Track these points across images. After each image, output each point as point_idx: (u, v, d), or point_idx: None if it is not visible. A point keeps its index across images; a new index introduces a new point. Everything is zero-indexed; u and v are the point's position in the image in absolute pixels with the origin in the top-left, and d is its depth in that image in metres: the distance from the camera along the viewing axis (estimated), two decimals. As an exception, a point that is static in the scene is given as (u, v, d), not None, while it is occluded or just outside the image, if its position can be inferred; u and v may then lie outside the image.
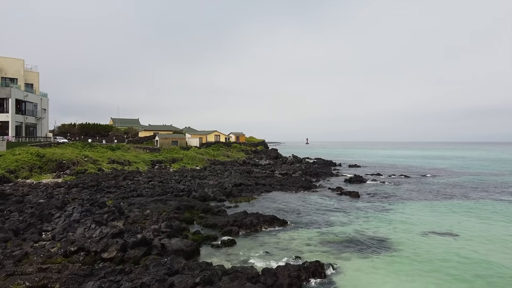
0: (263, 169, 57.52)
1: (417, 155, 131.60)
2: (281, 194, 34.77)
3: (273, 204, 28.71)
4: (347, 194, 35.42)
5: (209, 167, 53.87)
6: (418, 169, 68.60)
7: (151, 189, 32.53)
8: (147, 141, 68.31)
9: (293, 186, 39.23)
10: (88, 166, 40.14)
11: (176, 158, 57.66)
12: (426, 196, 34.03)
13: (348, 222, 22.45)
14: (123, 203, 26.53)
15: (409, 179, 50.56)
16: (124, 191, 30.80)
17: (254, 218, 21.27)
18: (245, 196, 32.66)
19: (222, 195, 31.88)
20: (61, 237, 16.49)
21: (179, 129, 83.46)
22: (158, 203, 26.46)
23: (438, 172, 61.63)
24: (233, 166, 58.28)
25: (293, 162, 68.91)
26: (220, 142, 74.85)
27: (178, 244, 15.01)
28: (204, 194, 31.26)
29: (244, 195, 32.99)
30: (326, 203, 29.71)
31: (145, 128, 75.89)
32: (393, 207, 27.71)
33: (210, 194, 31.57)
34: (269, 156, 71.02)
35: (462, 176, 53.83)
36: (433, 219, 23.42)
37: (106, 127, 73.27)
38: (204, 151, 63.54)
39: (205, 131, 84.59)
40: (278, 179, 44.92)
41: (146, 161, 51.99)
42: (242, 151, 72.62)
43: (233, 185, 37.85)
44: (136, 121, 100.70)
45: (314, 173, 56.08)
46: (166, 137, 64.93)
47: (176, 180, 39.86)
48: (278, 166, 63.61)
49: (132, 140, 65.89)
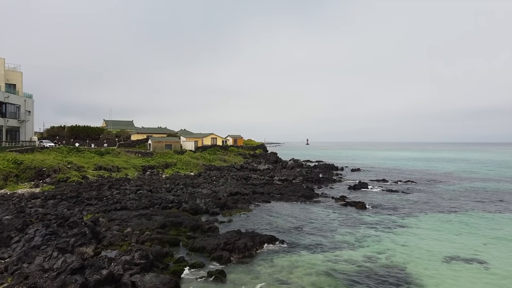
0: (261, 174, 54.94)
1: (419, 157, 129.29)
2: (280, 205, 32.18)
3: (271, 218, 26.10)
4: (352, 204, 32.84)
5: (204, 173, 51.25)
6: (424, 173, 66.06)
7: (137, 200, 29.91)
8: (140, 145, 65.68)
9: (293, 196, 36.64)
10: (71, 174, 37.49)
11: (170, 163, 55.02)
12: (439, 207, 31.44)
13: (357, 243, 19.82)
14: (103, 218, 23.94)
15: (416, 186, 48.03)
16: (106, 204, 28.18)
17: (248, 240, 18.66)
18: (241, 208, 30.05)
19: (215, 207, 29.28)
20: (15, 268, 13.89)
21: (174, 131, 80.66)
22: (142, 219, 23.85)
23: (446, 177, 59.09)
24: (230, 171, 55.67)
25: (294, 166, 66.35)
26: (217, 146, 72.18)
27: (152, 282, 12.39)
28: (195, 206, 28.66)
29: (239, 207, 30.38)
30: (330, 217, 27.10)
31: (138, 131, 73.05)
32: (405, 222, 25.11)
33: (202, 206, 28.96)
34: (268, 161, 68.41)
35: (472, 183, 51.28)
36: (453, 239, 20.82)
37: (96, 130, 70.55)
38: (200, 155, 60.91)
39: (202, 133, 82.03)
40: (277, 186, 42.33)
41: (137, 167, 49.35)
42: (240, 155, 69.97)
43: (228, 195, 35.27)
44: (130, 123, 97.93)
45: (316, 179, 53.55)
46: (160, 140, 62.27)
47: (166, 189, 37.26)
48: (278, 171, 61.03)
49: (123, 144, 63.23)
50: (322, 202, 33.77)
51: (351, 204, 33.19)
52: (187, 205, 29.15)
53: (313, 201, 34.04)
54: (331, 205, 32.27)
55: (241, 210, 29.19)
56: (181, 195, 33.58)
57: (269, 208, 30.75)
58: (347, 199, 35.60)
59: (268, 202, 34.03)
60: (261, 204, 32.90)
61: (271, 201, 34.25)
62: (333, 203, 33.52)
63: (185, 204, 29.65)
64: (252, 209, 29.89)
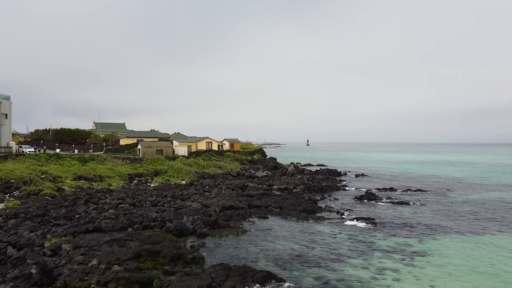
0: (259, 182, 51.41)
1: (423, 161, 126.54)
2: (279, 223, 28.69)
3: (268, 243, 22.60)
4: (361, 220, 29.43)
5: (196, 182, 47.74)
6: (433, 180, 62.66)
7: (114, 219, 26.36)
8: (129, 150, 62.08)
9: (293, 210, 33.13)
10: (44, 186, 33.93)
11: (160, 171, 51.50)
12: (461, 225, 27.96)
13: (373, 281, 16.32)
14: (67, 244, 20.44)
15: (428, 196, 44.63)
16: (77, 223, 24.66)
17: (238, 281, 15.18)
18: (234, 227, 26.55)
19: (204, 227, 25.79)
20: None
21: (166, 135, 76.78)
22: (114, 245, 20.32)
23: (458, 185, 55.69)
24: (225, 179, 52.17)
25: (294, 173, 62.84)
26: (212, 151, 68.55)
27: None
28: (180, 226, 25.14)
29: (232, 225, 26.90)
30: (337, 240, 23.61)
31: (128, 135, 69.16)
32: (426, 248, 21.61)
33: (189, 226, 25.45)
34: (267, 166, 64.86)
35: (489, 192, 47.86)
36: (489, 272, 17.31)
37: (83, 134, 66.89)
38: (193, 162, 57.38)
39: (196, 137, 78.50)
40: (276, 198, 38.82)
41: (123, 175, 45.81)
42: (237, 160, 66.36)
43: (220, 209, 31.79)
44: (121, 126, 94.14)
45: (318, 187, 50.10)
46: (150, 145, 58.66)
47: (152, 202, 33.75)
48: (277, 179, 57.54)
49: (111, 149, 59.61)
50: (327, 219, 30.28)
51: (359, 219, 29.80)
52: (171, 224, 25.65)
53: (316, 218, 30.53)
54: (337, 223, 28.79)
55: (233, 230, 25.69)
56: (167, 210, 30.09)
57: (266, 226, 27.27)
58: (355, 215, 32.15)
59: (265, 218, 30.55)
60: (258, 220, 29.43)
61: (269, 217, 30.78)
62: (339, 220, 30.07)
63: (170, 223, 26.15)
64: (247, 229, 26.38)
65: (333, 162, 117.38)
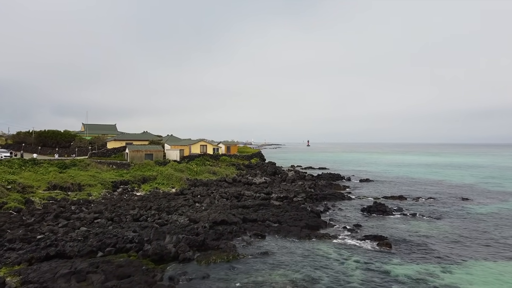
0: (257, 190, 47.77)
1: (428, 163, 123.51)
2: (278, 243, 25.15)
3: (264, 274, 19.01)
4: (373, 240, 25.89)
5: (187, 190, 44.10)
6: (443, 186, 59.19)
7: (82, 241, 22.70)
8: (116, 154, 58.37)
9: (294, 226, 29.49)
10: (10, 198, 30.23)
11: (148, 177, 47.83)
12: (490, 247, 24.37)
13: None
14: (15, 277, 16.83)
15: (442, 206, 41.13)
16: (36, 247, 21.00)
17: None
18: (224, 249, 22.91)
19: (188, 249, 22.21)
20: None
21: (158, 138, 72.76)
22: (73, 280, 16.74)
23: (471, 192, 52.31)
24: (219, 187, 48.53)
25: (295, 179, 59.22)
26: (207, 155, 64.80)
27: None
28: (160, 250, 21.53)
29: (222, 247, 23.28)
30: (346, 268, 20.03)
31: (115, 138, 65.30)
32: (456, 279, 18.05)
33: (171, 249, 21.84)
34: (266, 172, 61.21)
35: (509, 201, 44.25)
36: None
37: (67, 136, 63.10)
38: (185, 167, 53.68)
39: (191, 140, 74.91)
40: (274, 211, 35.17)
41: (106, 183, 42.13)
42: (233, 165, 62.66)
43: (210, 225, 28.20)
44: (111, 127, 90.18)
45: (321, 196, 46.57)
46: (139, 149, 54.93)
47: (133, 216, 30.14)
48: (276, 186, 53.96)
49: (96, 153, 55.90)
50: (332, 237, 26.74)
51: (371, 238, 26.26)
52: (150, 246, 22.03)
53: (320, 235, 26.96)
54: (345, 243, 25.25)
55: (224, 254, 22.05)
56: (148, 228, 26.48)
57: (263, 248, 23.69)
58: (364, 232, 28.56)
59: (262, 236, 26.94)
60: (253, 240, 25.86)
61: (266, 236, 27.17)
62: (347, 238, 26.56)
63: (148, 244, 22.54)
64: (240, 252, 22.77)
65: (335, 164, 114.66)
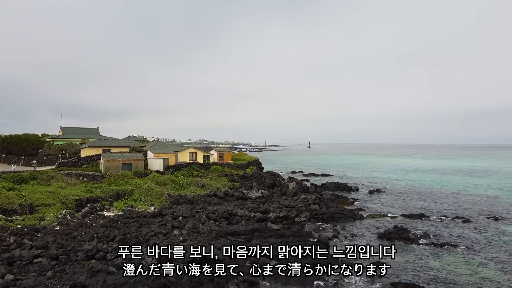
0: (252, 208, 41.20)
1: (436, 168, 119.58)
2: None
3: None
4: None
5: (168, 209, 37.57)
6: (466, 200, 53.28)
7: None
8: (91, 163, 51.85)
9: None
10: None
11: (123, 192, 41.25)
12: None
13: None
14: None
15: (475, 230, 34.98)
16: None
17: None
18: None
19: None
20: None
21: (139, 144, 65.19)
22: None
23: (501, 208, 46.60)
24: (207, 204, 41.98)
25: (296, 192, 52.61)
26: (196, 163, 58.15)
27: None
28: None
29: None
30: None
31: (90, 144, 58.33)
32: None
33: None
34: (263, 184, 54.61)
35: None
36: None
37: (35, 142, 56.43)
38: (169, 179, 47.11)
39: (179, 145, 68.35)
40: (272, 240, 28.58)
41: (69, 201, 35.54)
42: (226, 176, 55.99)
43: (186, 264, 21.62)
44: (93, 131, 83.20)
45: (328, 215, 40.17)
46: (115, 158, 48.30)
47: (87, 252, 23.61)
48: (275, 201, 47.43)
49: (66, 163, 49.27)
50: (347, 282, 20.33)
51: None
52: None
53: (332, 284, 20.46)
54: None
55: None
56: (103, 270, 19.92)
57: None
58: (389, 274, 22.14)
59: (254, 284, 20.47)
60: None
61: (260, 283, 20.69)
62: (368, 285, 20.14)
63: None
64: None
65: (339, 170, 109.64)
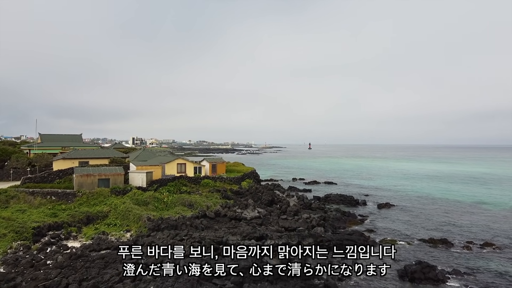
0: (246, 234, 35.56)
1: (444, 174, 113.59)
2: None
3: None
4: None
5: (145, 238, 31.86)
6: (487, 217, 47.80)
7: None
8: (63, 178, 46.13)
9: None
10: None
11: (95, 215, 35.49)
12: None
13: None
14: None
15: (509, 260, 29.63)
16: None
17: None
18: None
19: None
20: None
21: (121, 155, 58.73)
22: None
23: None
24: (194, 228, 36.26)
25: (298, 210, 46.93)
26: (184, 177, 52.34)
27: None
28: None
29: None
30: None
31: (64, 156, 52.39)
32: None
33: None
34: (260, 200, 48.84)
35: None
36: None
37: (4, 152, 50.53)
38: (151, 197, 41.40)
39: (165, 156, 62.72)
40: (266, 284, 22.98)
41: (25, 230, 29.75)
42: (218, 191, 50.27)
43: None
44: (75, 138, 77.16)
45: (335, 242, 34.94)
46: (89, 172, 42.45)
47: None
48: (274, 221, 41.83)
49: (32, 178, 43.42)
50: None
51: None
52: None
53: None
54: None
55: None
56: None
57: None
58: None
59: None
60: None
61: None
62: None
63: None
64: None
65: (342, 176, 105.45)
